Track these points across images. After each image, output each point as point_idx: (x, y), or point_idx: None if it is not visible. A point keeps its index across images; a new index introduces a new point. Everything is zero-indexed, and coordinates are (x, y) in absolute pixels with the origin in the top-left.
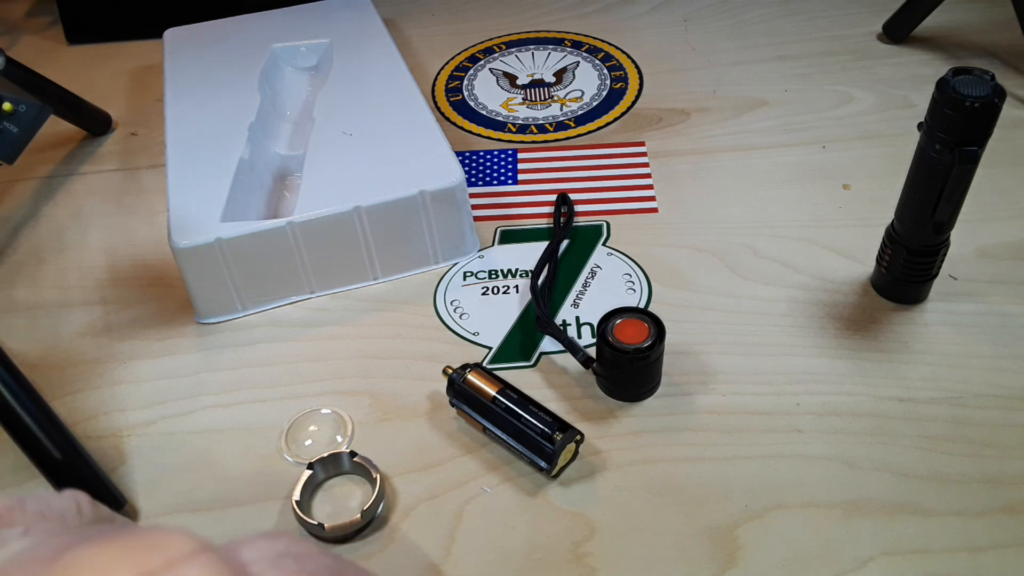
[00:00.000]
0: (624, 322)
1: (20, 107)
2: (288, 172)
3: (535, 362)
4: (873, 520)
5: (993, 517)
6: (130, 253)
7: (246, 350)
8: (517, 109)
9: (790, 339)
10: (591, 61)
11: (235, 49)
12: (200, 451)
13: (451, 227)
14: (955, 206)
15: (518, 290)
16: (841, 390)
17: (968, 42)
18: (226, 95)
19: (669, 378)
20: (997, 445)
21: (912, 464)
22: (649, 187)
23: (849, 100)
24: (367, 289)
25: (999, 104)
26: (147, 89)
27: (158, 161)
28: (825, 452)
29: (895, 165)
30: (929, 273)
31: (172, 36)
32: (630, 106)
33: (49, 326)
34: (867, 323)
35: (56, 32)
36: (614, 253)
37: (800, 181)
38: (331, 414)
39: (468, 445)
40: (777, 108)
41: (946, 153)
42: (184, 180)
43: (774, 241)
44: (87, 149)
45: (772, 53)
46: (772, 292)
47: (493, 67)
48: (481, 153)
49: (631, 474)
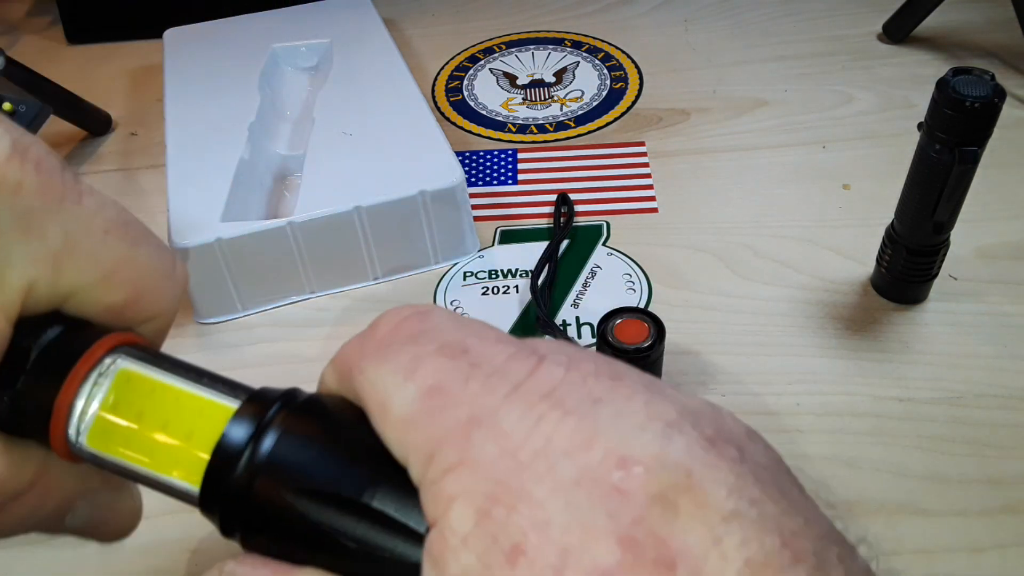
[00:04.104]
0: (624, 322)
1: (20, 107)
2: (288, 172)
3: None
4: (873, 520)
5: (993, 517)
6: None
7: (246, 350)
8: (517, 109)
9: (790, 339)
10: (591, 61)
11: (235, 49)
12: None
13: (451, 227)
14: (955, 206)
15: (518, 290)
16: (841, 390)
17: (968, 42)
18: (226, 95)
19: (669, 378)
20: (997, 445)
21: (912, 464)
22: (649, 187)
23: (849, 100)
24: (367, 289)
25: (999, 104)
26: (147, 89)
27: (158, 161)
28: (825, 452)
29: (895, 165)
30: (929, 273)
31: (172, 36)
32: (630, 106)
33: None
34: (867, 323)
35: (56, 32)
36: (614, 253)
37: (800, 181)
38: None
39: None
40: (777, 108)
41: (946, 153)
42: (184, 180)
43: (774, 241)
44: (87, 149)
45: (772, 53)
46: (772, 292)
47: (493, 67)
48: (481, 153)
49: None
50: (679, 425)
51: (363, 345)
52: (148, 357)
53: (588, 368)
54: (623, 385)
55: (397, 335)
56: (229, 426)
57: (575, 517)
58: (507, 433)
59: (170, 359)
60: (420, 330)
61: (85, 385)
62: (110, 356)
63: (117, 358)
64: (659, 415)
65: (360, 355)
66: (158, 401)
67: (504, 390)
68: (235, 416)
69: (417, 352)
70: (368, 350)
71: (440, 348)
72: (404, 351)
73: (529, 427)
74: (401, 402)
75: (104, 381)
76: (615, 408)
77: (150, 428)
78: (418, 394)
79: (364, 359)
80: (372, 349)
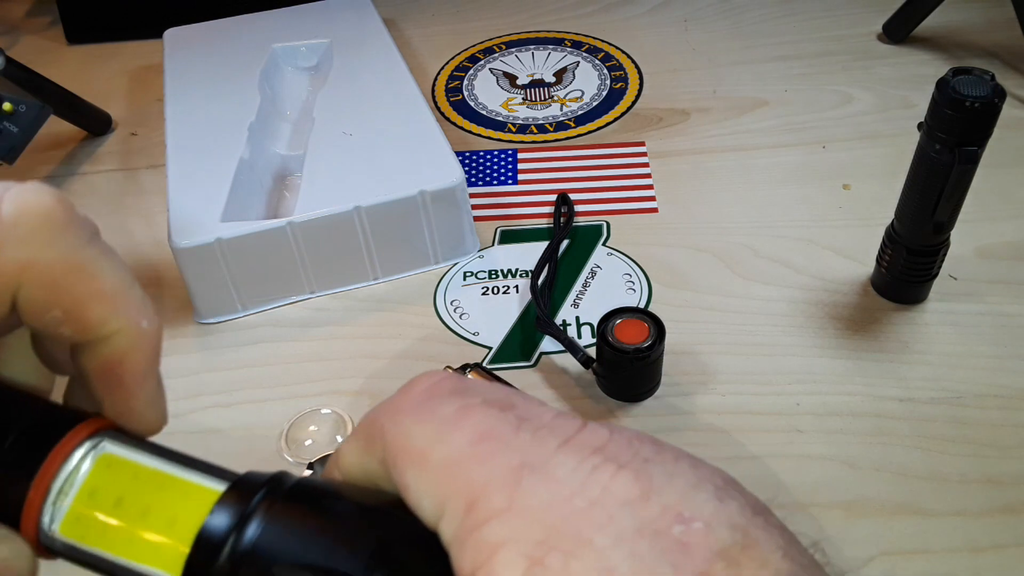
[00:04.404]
0: (624, 322)
1: (20, 107)
2: (288, 172)
3: (535, 362)
4: (873, 520)
5: (993, 517)
6: (130, 253)
7: (246, 350)
8: (517, 109)
9: (790, 339)
10: (591, 61)
11: (235, 49)
12: (200, 451)
13: (451, 227)
14: (955, 206)
15: (518, 290)
16: (841, 390)
17: (968, 42)
18: (226, 95)
19: (669, 378)
20: (997, 445)
21: (912, 464)
22: (649, 187)
23: (849, 100)
24: (367, 289)
25: (999, 104)
26: (147, 89)
27: (158, 161)
28: (825, 452)
29: (895, 165)
30: (929, 273)
31: (172, 36)
32: (630, 106)
33: None
34: (867, 323)
35: (56, 32)
36: (614, 253)
37: (800, 181)
38: (331, 414)
39: None
40: (777, 108)
41: (946, 153)
42: (184, 180)
43: (774, 241)
44: (87, 149)
45: (772, 53)
46: (772, 292)
47: (493, 67)
48: (481, 153)
49: None
50: (727, 490)
51: (399, 403)
52: (129, 441)
53: (631, 433)
54: (667, 450)
55: (438, 391)
56: (211, 515)
57: (641, 566)
58: (561, 480)
59: (151, 443)
60: (463, 387)
61: (61, 473)
62: (91, 440)
63: (100, 441)
64: (708, 479)
65: (395, 411)
66: (140, 486)
67: (555, 442)
68: (218, 503)
69: (464, 402)
70: (406, 406)
71: (487, 401)
72: (449, 402)
73: (584, 476)
74: (446, 447)
75: (83, 465)
76: (665, 468)
77: (130, 515)
78: (466, 440)
79: (401, 413)
80: (410, 405)
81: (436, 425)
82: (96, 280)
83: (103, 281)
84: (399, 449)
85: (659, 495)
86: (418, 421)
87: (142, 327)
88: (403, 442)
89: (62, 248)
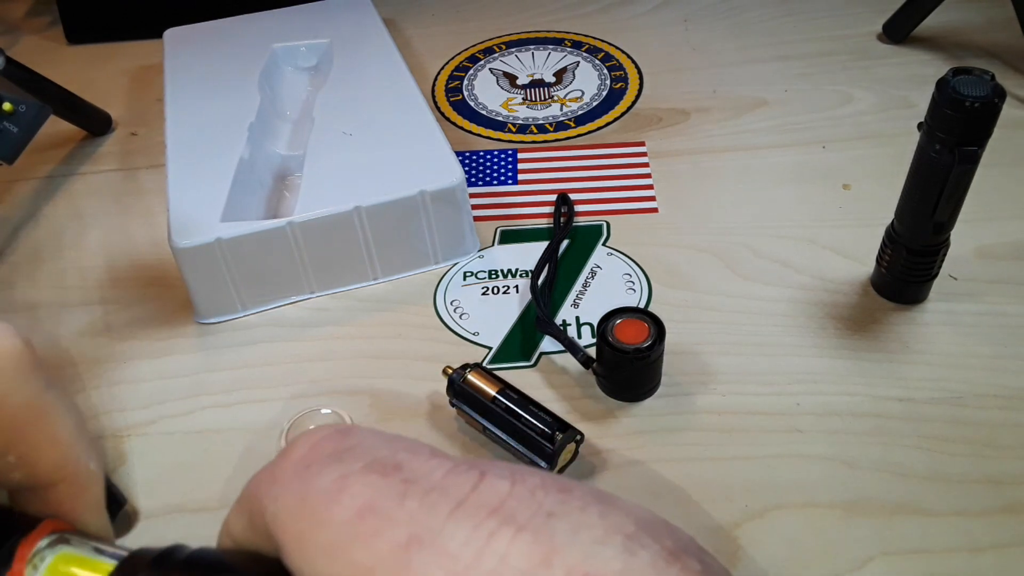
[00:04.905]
0: (624, 322)
1: (20, 107)
2: (288, 172)
3: (535, 362)
4: (873, 520)
5: (993, 517)
6: (130, 253)
7: (246, 350)
8: (517, 109)
9: (790, 339)
10: (591, 61)
11: (235, 49)
12: (200, 451)
13: (451, 227)
14: (955, 206)
15: (518, 290)
16: (841, 390)
17: (968, 42)
18: (226, 95)
19: (669, 378)
20: (997, 445)
21: (912, 464)
22: (649, 187)
23: (849, 100)
24: (367, 289)
25: (999, 104)
26: (147, 89)
27: (158, 161)
28: (825, 452)
29: (895, 165)
30: (929, 273)
31: (172, 36)
32: (630, 106)
33: (48, 326)
34: (867, 323)
35: (56, 32)
36: (614, 253)
37: (800, 181)
38: (331, 414)
39: (468, 445)
40: (777, 108)
41: (946, 153)
42: (184, 180)
43: (774, 241)
44: (87, 149)
45: (772, 53)
46: (772, 292)
47: (493, 67)
48: (481, 153)
49: (631, 474)
50: (638, 538)
51: (275, 472)
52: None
53: (535, 481)
54: (574, 497)
55: (315, 455)
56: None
57: None
58: (454, 555)
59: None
60: (344, 447)
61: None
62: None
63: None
64: (617, 528)
65: (271, 483)
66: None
67: (447, 507)
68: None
69: (342, 471)
70: (282, 476)
71: (369, 465)
72: (326, 472)
73: (479, 546)
74: (325, 529)
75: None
76: (570, 522)
77: None
78: (346, 517)
79: (277, 486)
80: (287, 475)
81: (313, 502)
82: (52, 426)
83: (59, 427)
84: (279, 529)
85: (562, 556)
86: (296, 497)
87: (90, 469)
88: (283, 521)
89: (27, 393)
